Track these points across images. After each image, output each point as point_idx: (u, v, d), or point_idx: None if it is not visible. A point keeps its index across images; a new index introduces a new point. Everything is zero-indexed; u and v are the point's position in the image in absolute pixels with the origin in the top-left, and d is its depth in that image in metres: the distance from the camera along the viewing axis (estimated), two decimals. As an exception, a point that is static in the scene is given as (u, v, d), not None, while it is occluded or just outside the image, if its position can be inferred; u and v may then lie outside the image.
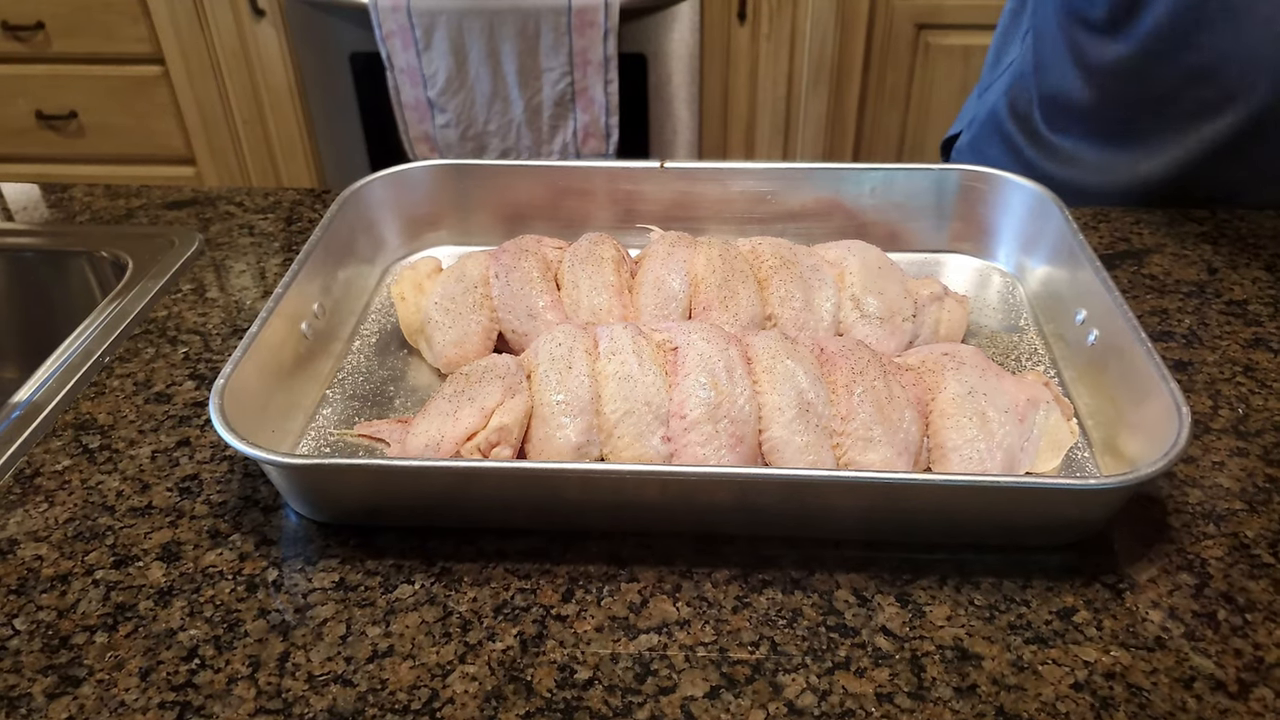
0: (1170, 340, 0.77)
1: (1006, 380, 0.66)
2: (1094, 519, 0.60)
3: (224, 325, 0.81)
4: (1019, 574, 0.58)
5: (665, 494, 0.60)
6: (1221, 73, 0.88)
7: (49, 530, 0.62)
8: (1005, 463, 0.62)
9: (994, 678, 0.53)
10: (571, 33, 1.86)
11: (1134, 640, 0.55)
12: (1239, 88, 0.88)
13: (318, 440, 0.69)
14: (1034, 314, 0.80)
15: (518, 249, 0.77)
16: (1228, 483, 0.64)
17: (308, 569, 0.60)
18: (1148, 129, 0.95)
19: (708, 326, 0.67)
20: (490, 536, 0.61)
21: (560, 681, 0.53)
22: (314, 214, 0.97)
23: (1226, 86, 0.89)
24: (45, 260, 0.94)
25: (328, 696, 0.52)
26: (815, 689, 0.52)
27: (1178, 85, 0.91)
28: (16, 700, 0.53)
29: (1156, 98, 0.93)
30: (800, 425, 0.62)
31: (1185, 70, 0.89)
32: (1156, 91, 0.93)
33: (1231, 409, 0.70)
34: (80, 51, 2.10)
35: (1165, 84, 0.92)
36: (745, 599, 0.57)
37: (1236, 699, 0.52)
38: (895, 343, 0.73)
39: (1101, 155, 0.99)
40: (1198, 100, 0.91)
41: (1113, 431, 0.66)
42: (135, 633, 0.56)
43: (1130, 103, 0.95)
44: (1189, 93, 0.91)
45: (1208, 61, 0.88)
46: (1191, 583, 0.58)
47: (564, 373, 0.64)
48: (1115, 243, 0.90)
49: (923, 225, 0.87)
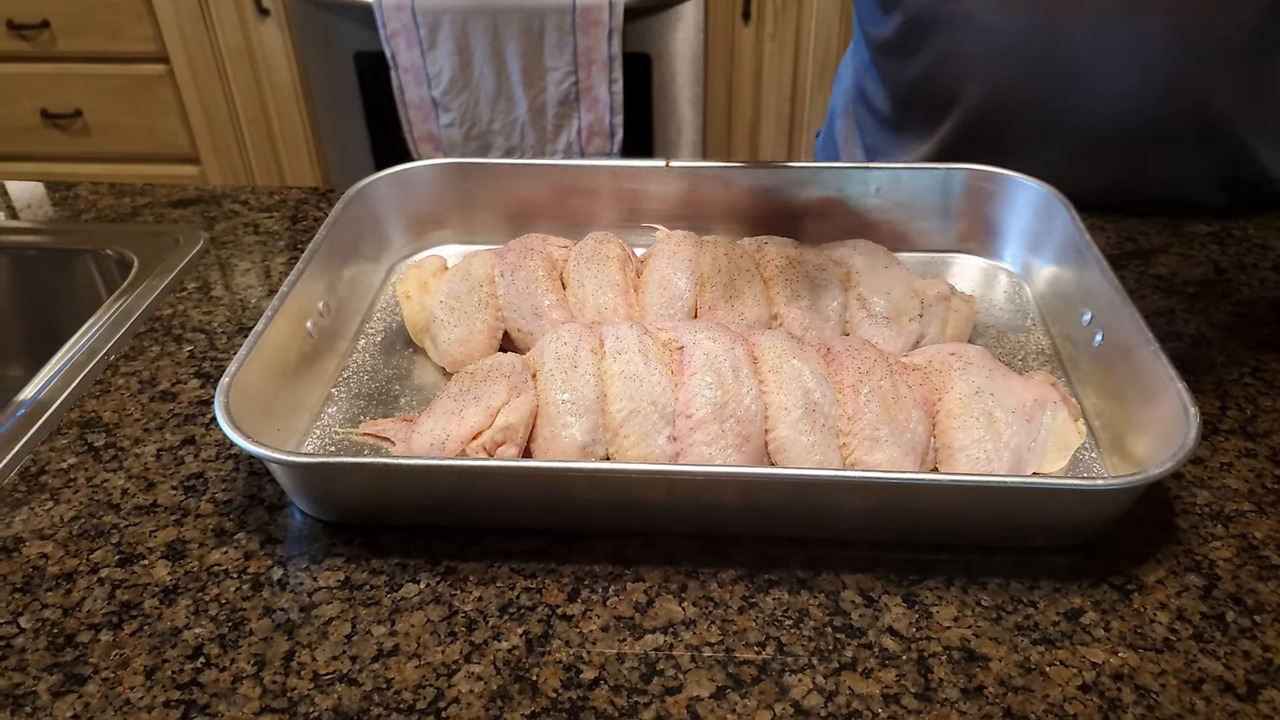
0: (1177, 341, 0.77)
1: (1014, 380, 0.66)
2: (1102, 520, 0.60)
3: (229, 324, 0.81)
4: (1026, 575, 0.58)
5: (671, 493, 0.60)
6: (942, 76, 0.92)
7: (54, 528, 0.62)
8: (1012, 463, 0.62)
9: (1001, 679, 0.52)
10: (576, 32, 1.86)
11: (1142, 642, 0.54)
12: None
13: (323, 439, 0.69)
14: (1040, 314, 0.80)
15: (523, 248, 0.77)
16: (1236, 484, 0.64)
17: (313, 568, 0.60)
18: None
19: (714, 326, 0.67)
20: (495, 536, 0.61)
21: (566, 681, 0.53)
22: (319, 213, 0.97)
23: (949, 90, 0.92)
24: (50, 258, 0.94)
25: (333, 695, 0.52)
26: (822, 689, 0.52)
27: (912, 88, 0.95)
28: (21, 698, 0.52)
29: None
30: (806, 425, 0.62)
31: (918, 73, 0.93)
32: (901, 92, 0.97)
33: (1239, 410, 0.70)
34: (85, 50, 2.10)
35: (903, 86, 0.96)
36: (751, 599, 0.57)
37: (1245, 701, 0.51)
38: (902, 342, 0.73)
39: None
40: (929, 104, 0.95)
41: (1120, 432, 0.66)
42: (140, 631, 0.56)
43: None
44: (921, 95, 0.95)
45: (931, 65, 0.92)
46: (1200, 584, 0.58)
47: (569, 372, 0.64)
48: (1122, 243, 0.89)
49: (929, 225, 0.87)
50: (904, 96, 0.98)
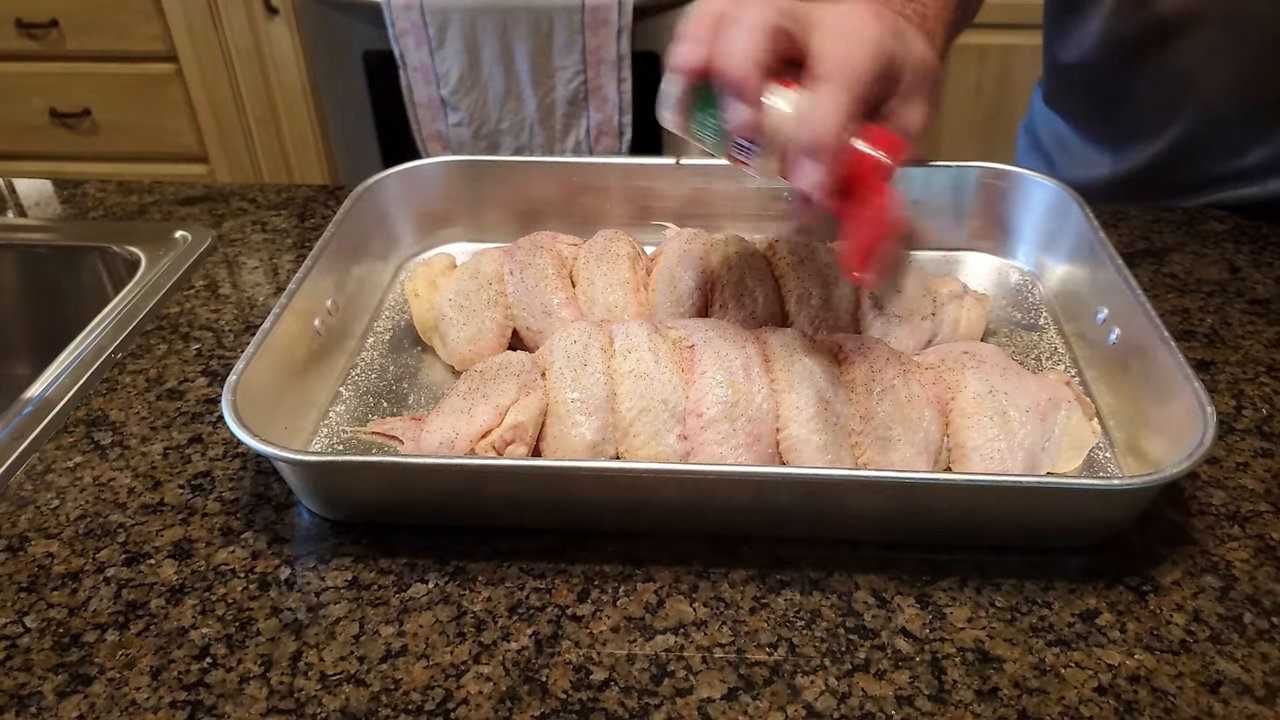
0: (1192, 340, 0.76)
1: (1027, 379, 0.65)
2: (1118, 520, 0.59)
3: (236, 322, 0.81)
4: (1040, 576, 0.58)
5: (682, 493, 0.59)
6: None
7: (60, 527, 0.62)
8: (1026, 463, 0.61)
9: (1016, 681, 0.52)
10: (585, 31, 1.86)
11: (1158, 644, 0.54)
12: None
13: (331, 437, 0.68)
14: (1054, 313, 0.79)
15: (532, 246, 0.77)
16: (1252, 484, 0.63)
17: (320, 567, 0.59)
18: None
19: (724, 324, 0.66)
20: (504, 535, 0.61)
21: (576, 682, 0.52)
22: (327, 210, 0.97)
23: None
24: (58, 256, 0.93)
25: (340, 696, 0.52)
26: (834, 691, 0.51)
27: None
28: (27, 699, 0.52)
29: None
30: (818, 424, 0.61)
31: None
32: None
33: (1255, 409, 0.69)
34: (94, 49, 2.10)
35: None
36: (763, 600, 0.56)
37: (1264, 704, 0.51)
38: (914, 341, 0.73)
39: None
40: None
41: (1135, 432, 0.65)
42: (146, 631, 0.55)
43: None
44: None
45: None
46: (1216, 585, 0.57)
47: (579, 370, 0.64)
48: (1135, 241, 0.89)
49: (941, 223, 0.86)
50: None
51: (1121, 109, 0.95)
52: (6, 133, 2.21)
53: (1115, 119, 0.97)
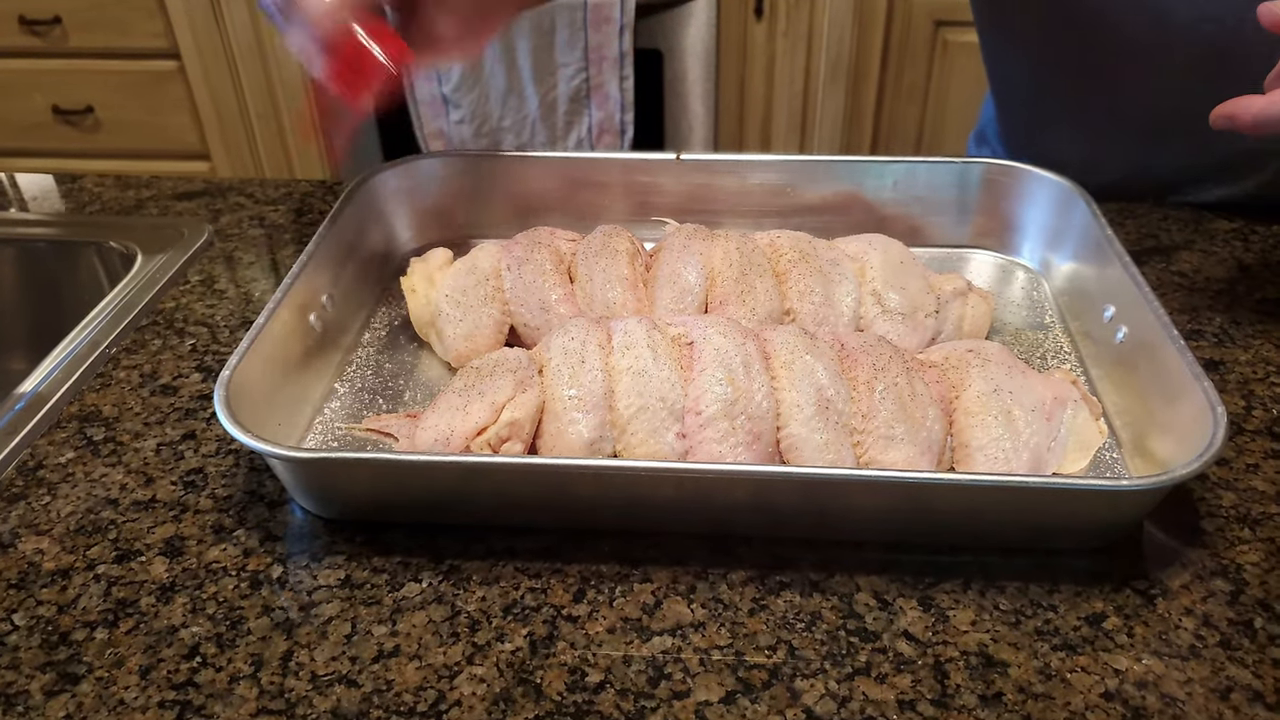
0: (1201, 339, 0.75)
1: (1033, 378, 0.64)
2: (1125, 521, 0.58)
3: (232, 317, 0.80)
4: (1046, 578, 0.56)
5: (680, 492, 0.58)
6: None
7: (51, 524, 0.61)
8: (1032, 462, 0.60)
9: (1020, 685, 0.51)
10: (587, 28, 1.85)
11: (1167, 648, 0.52)
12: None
13: (325, 434, 0.67)
14: (1059, 311, 0.78)
15: (530, 241, 0.76)
16: (1263, 485, 0.62)
17: (313, 566, 0.58)
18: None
19: (725, 321, 0.65)
20: (500, 534, 0.60)
21: (571, 684, 0.51)
22: (325, 205, 0.96)
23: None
24: (54, 251, 0.93)
25: (332, 697, 0.51)
26: (835, 695, 0.50)
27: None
28: (14, 698, 0.51)
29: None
30: (819, 423, 0.60)
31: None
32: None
33: (1266, 410, 0.68)
34: (96, 46, 2.10)
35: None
36: (762, 601, 0.55)
37: (1275, 711, 0.49)
38: (918, 339, 0.71)
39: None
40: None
41: (1142, 432, 0.64)
42: (136, 629, 0.55)
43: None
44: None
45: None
46: (1226, 589, 0.56)
47: (577, 367, 0.63)
48: (1143, 239, 0.88)
49: (945, 220, 0.85)
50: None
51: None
52: (9, 130, 2.21)
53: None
